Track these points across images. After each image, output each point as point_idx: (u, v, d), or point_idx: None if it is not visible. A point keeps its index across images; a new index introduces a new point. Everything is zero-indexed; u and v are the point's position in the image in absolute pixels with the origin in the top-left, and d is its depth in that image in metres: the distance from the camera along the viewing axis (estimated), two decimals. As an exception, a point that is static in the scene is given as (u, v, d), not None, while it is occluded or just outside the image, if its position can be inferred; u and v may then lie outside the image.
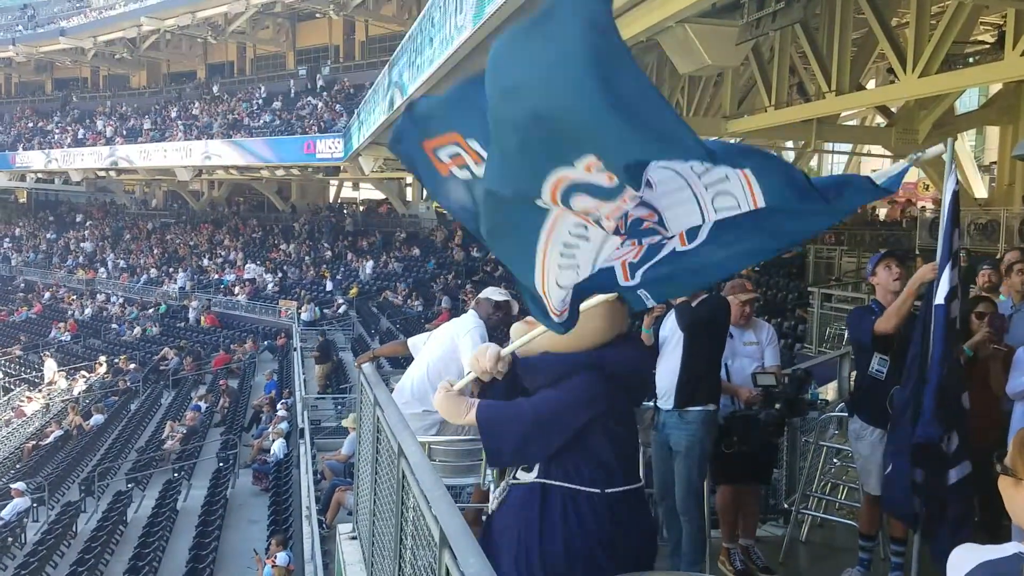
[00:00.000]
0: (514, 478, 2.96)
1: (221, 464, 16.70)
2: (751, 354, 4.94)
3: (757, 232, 2.43)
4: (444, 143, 2.51)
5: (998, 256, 11.32)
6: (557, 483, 2.80)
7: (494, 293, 5.07)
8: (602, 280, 2.64)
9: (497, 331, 5.14)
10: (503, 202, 2.38)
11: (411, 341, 5.19)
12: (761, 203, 2.31)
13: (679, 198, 2.39)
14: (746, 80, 16.92)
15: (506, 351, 2.99)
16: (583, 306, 2.67)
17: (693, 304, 4.47)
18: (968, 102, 23.05)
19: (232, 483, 15.92)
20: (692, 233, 2.49)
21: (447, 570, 2.40)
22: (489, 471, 4.25)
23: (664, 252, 2.56)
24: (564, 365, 2.82)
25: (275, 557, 10.86)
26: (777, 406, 4.71)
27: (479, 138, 2.40)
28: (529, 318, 2.93)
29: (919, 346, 3.91)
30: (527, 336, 2.91)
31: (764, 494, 5.72)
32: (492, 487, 4.25)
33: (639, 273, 2.64)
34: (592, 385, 2.75)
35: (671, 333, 4.58)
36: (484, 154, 2.39)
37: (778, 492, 6.29)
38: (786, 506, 5.86)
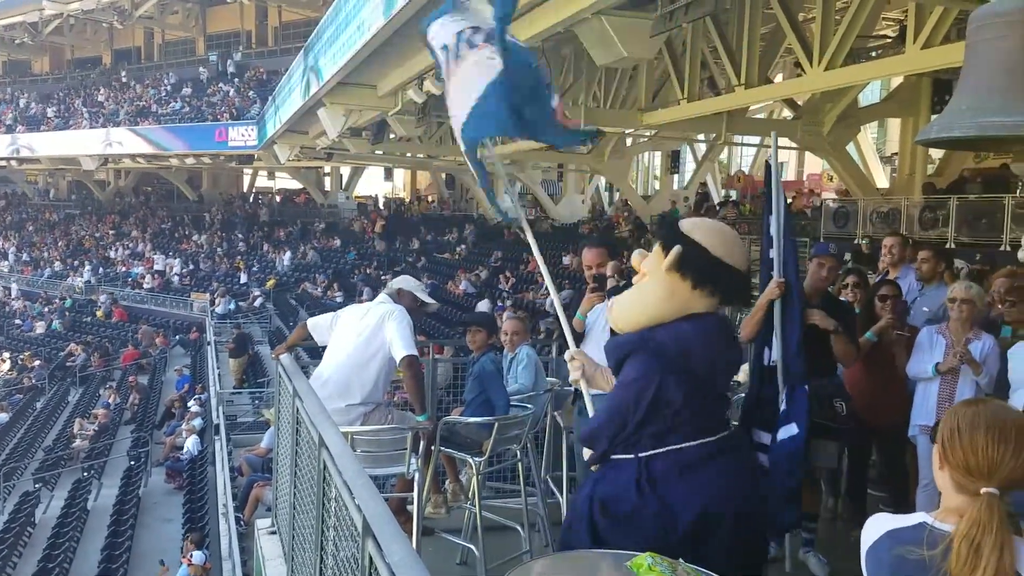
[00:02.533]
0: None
1: (132, 462, 16.24)
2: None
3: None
4: None
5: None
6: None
7: (417, 289, 4.97)
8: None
9: (418, 322, 5.09)
10: None
11: (311, 323, 4.93)
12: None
13: None
14: (660, 73, 17.21)
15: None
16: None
17: (622, 287, 4.56)
18: (871, 95, 23.94)
19: (144, 482, 15.50)
20: None
21: (370, 559, 2.39)
22: (413, 460, 4.26)
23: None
24: (620, 348, 2.83)
25: (191, 556, 10.60)
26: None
27: None
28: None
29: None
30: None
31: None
32: (417, 475, 4.27)
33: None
34: (637, 367, 2.73)
35: (597, 318, 4.65)
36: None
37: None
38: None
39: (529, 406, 4.84)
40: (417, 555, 2.16)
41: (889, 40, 17.83)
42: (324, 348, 4.83)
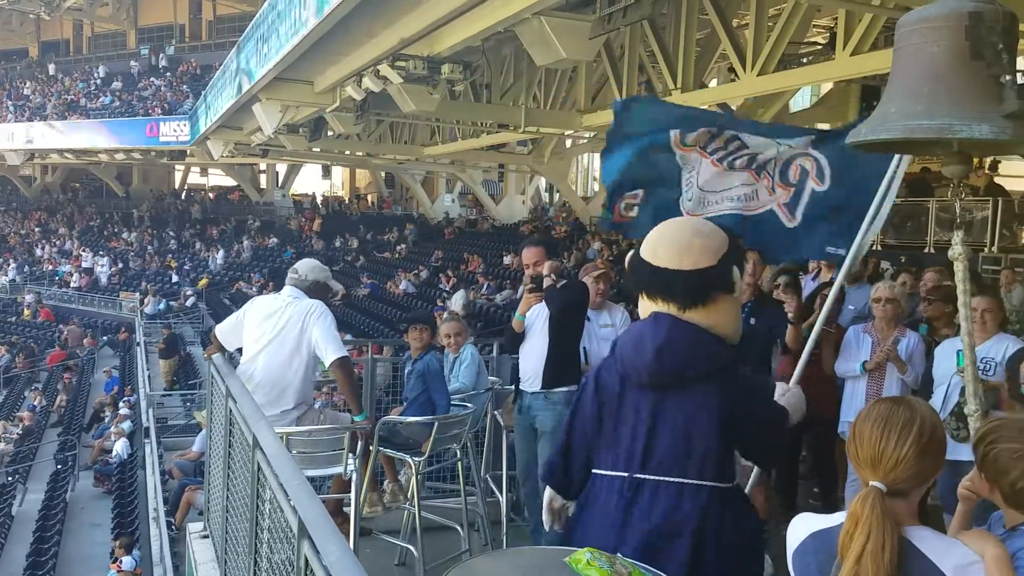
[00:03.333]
0: None
1: (59, 466, 15.72)
2: (607, 336, 5.08)
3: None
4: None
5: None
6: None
7: (328, 279, 4.69)
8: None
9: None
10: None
11: (219, 331, 4.66)
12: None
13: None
14: (599, 76, 17.35)
15: None
16: None
17: (558, 287, 4.57)
18: (801, 101, 24.50)
19: (72, 486, 15.02)
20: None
21: (306, 560, 2.36)
22: (351, 461, 4.21)
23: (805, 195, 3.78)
24: None
25: (120, 561, 10.32)
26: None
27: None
28: None
29: None
30: None
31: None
32: (354, 476, 4.22)
33: (799, 214, 3.81)
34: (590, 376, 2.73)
35: (535, 318, 4.66)
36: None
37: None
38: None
39: (469, 405, 4.82)
40: (354, 556, 2.14)
41: (819, 47, 18.26)
42: None
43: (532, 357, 4.64)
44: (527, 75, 16.63)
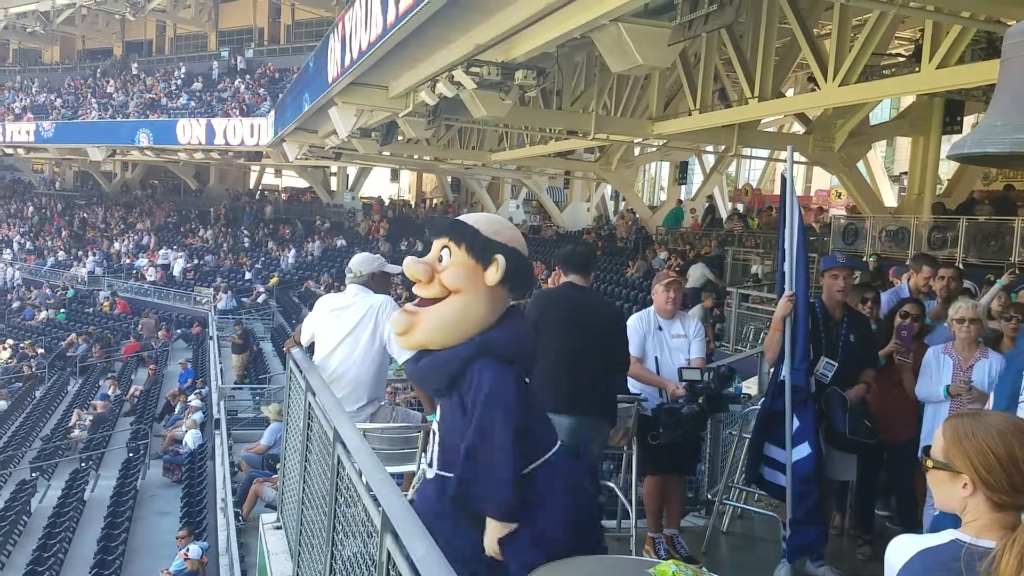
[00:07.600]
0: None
1: (131, 454, 16.20)
2: (679, 347, 5.02)
3: None
4: None
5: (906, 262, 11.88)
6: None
7: (382, 266, 4.67)
8: None
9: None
10: None
11: (303, 336, 4.72)
12: None
13: None
14: (671, 83, 17.22)
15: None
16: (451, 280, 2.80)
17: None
18: (879, 114, 23.93)
19: (142, 474, 15.46)
20: None
21: (388, 554, 2.38)
22: (424, 458, 4.24)
23: None
24: (451, 362, 2.69)
25: (187, 550, 10.56)
26: (700, 400, 4.81)
27: None
28: (408, 306, 2.85)
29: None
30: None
31: (687, 486, 5.85)
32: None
33: None
34: (494, 375, 2.63)
35: None
36: None
37: (700, 484, 6.45)
38: (709, 497, 6.00)
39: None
40: (440, 552, 2.15)
41: (902, 59, 17.82)
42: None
43: None
44: (599, 81, 16.57)
